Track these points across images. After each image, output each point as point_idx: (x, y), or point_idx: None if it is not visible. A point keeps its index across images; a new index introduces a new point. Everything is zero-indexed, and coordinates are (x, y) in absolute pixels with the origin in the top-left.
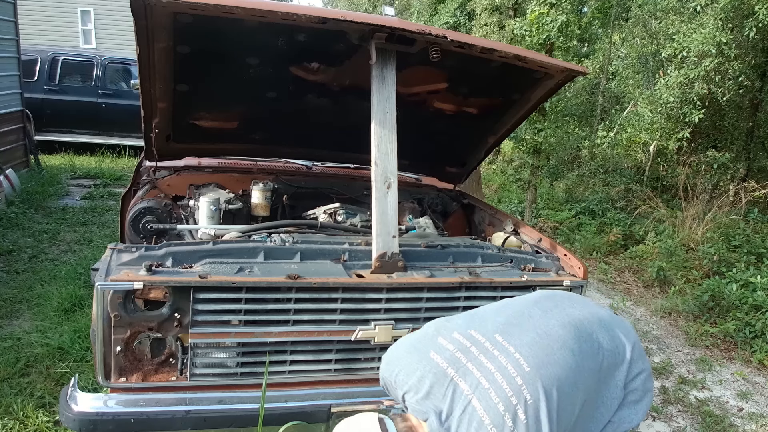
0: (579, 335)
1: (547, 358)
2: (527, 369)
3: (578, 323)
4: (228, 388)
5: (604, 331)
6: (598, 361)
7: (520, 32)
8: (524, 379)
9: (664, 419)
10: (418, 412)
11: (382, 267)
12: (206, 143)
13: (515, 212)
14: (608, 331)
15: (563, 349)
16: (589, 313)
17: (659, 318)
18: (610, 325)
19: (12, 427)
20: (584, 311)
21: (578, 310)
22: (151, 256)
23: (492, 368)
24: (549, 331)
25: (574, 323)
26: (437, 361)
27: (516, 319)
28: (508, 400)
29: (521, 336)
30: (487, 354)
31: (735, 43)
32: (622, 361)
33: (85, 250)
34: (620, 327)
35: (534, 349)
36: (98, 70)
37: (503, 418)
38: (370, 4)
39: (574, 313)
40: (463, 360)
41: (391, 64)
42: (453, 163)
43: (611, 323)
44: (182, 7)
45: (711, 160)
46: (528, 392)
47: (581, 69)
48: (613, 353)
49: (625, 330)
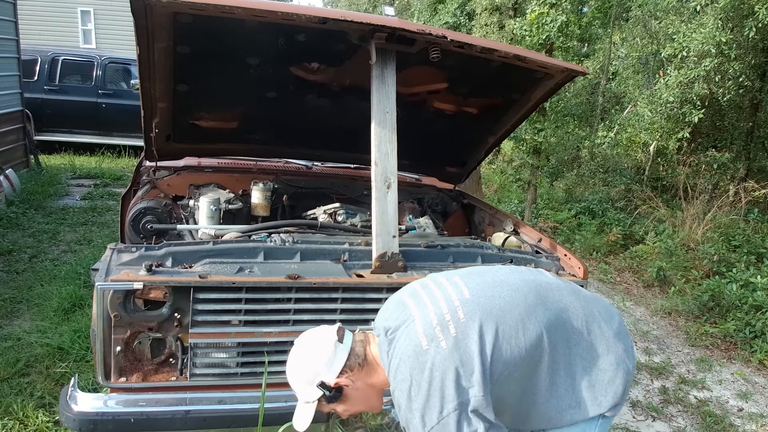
0: (538, 290)
1: (491, 292)
2: (467, 296)
3: (543, 283)
4: (228, 388)
5: (575, 299)
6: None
7: (520, 32)
8: (461, 302)
9: (664, 419)
10: (376, 329)
11: (382, 267)
12: (206, 143)
13: (515, 212)
14: (578, 300)
15: (514, 292)
16: (563, 283)
17: (659, 318)
18: (585, 297)
19: (12, 427)
20: (558, 281)
21: (552, 279)
22: (151, 256)
23: (438, 295)
24: (506, 279)
25: (538, 282)
26: (402, 296)
27: (482, 271)
28: (442, 316)
29: (476, 278)
30: (440, 287)
31: (735, 43)
32: (589, 332)
33: (85, 250)
34: (597, 304)
35: (482, 286)
36: (98, 70)
37: (434, 330)
38: (370, 4)
39: (545, 278)
40: (420, 291)
41: (391, 64)
42: (453, 163)
43: (589, 297)
44: (182, 7)
45: (711, 160)
46: (462, 312)
47: (581, 69)
48: (586, 320)
49: (603, 311)
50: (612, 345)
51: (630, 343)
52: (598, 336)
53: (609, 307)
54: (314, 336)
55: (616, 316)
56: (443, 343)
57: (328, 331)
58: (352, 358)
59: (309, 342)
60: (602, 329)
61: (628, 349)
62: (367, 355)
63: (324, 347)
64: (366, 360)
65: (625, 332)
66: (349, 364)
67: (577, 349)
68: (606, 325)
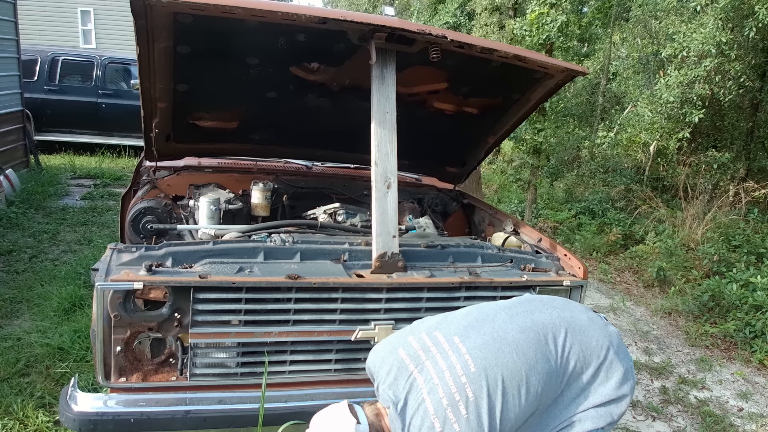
0: (537, 339)
1: (495, 360)
2: (473, 369)
3: (540, 327)
4: (228, 388)
5: (572, 335)
6: (555, 363)
7: (520, 32)
8: (469, 379)
9: (664, 419)
10: (384, 399)
11: (382, 267)
12: (206, 143)
13: (515, 212)
14: (575, 335)
15: (515, 352)
16: (558, 317)
17: (659, 318)
18: (583, 329)
19: (12, 427)
20: (553, 315)
21: (547, 314)
22: (151, 256)
23: (444, 366)
24: (505, 335)
25: (536, 327)
26: (402, 357)
27: (478, 322)
28: (452, 396)
29: (476, 338)
30: (442, 354)
31: (735, 43)
32: (589, 365)
33: (85, 250)
34: (595, 331)
35: (484, 352)
36: (98, 70)
37: (446, 411)
38: (370, 4)
39: (540, 317)
40: (422, 357)
41: (391, 64)
42: (453, 163)
43: (586, 328)
44: (182, 7)
45: (711, 160)
46: (471, 390)
47: (581, 69)
48: (583, 357)
49: (600, 334)
50: (613, 370)
51: (629, 363)
52: (598, 366)
53: (605, 327)
54: (329, 422)
55: (615, 336)
56: (456, 425)
57: (341, 413)
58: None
59: (326, 429)
60: (600, 358)
61: (629, 369)
62: (384, 429)
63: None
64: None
65: (623, 352)
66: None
67: (576, 384)
68: (605, 353)
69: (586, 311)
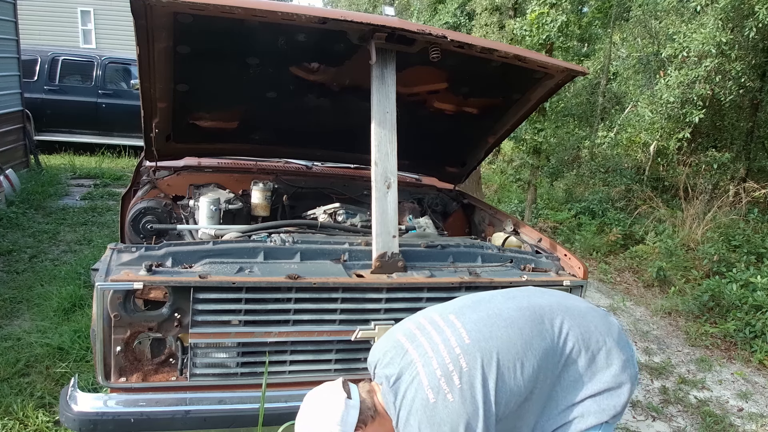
0: (533, 317)
1: (490, 333)
2: (467, 341)
3: (537, 308)
4: (228, 388)
5: (570, 318)
6: (552, 342)
7: (520, 32)
8: (462, 350)
9: (664, 419)
10: (378, 377)
11: (382, 267)
12: (206, 143)
13: (515, 212)
14: (573, 319)
15: (510, 327)
16: (556, 302)
17: (659, 318)
18: (582, 314)
19: (12, 427)
20: (551, 300)
21: (545, 299)
22: (151, 256)
23: (438, 340)
24: (500, 312)
25: (532, 308)
26: (399, 338)
27: (475, 303)
28: (445, 367)
29: (471, 315)
30: (437, 329)
31: (735, 43)
32: (588, 348)
33: (85, 250)
34: (595, 318)
35: (479, 325)
36: (98, 70)
37: (439, 382)
38: (370, 4)
39: (537, 300)
40: (417, 335)
41: (391, 64)
42: (453, 163)
43: (585, 314)
44: (182, 7)
45: (711, 160)
46: (465, 361)
47: (581, 69)
48: (582, 339)
49: (600, 322)
50: (613, 357)
51: (631, 353)
52: (597, 351)
53: (605, 317)
54: (321, 396)
55: (615, 327)
56: (449, 395)
57: (334, 388)
58: (365, 412)
59: (317, 403)
60: (599, 343)
61: (630, 358)
62: (376, 406)
63: (334, 406)
64: (377, 411)
65: (624, 341)
66: (363, 419)
67: (574, 367)
68: (604, 339)
69: (586, 302)
